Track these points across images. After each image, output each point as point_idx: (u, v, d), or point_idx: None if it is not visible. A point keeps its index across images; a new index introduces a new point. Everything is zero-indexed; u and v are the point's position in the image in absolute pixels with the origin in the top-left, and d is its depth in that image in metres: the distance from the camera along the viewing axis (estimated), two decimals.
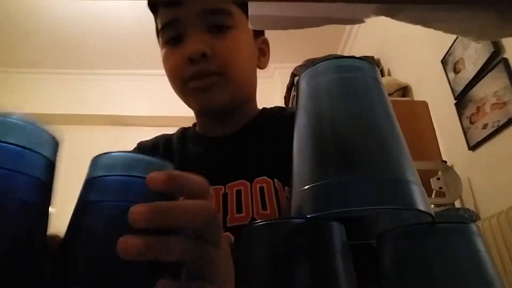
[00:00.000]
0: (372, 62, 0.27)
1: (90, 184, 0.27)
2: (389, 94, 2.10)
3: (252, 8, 0.18)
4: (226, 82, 0.59)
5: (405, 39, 2.26)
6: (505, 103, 1.48)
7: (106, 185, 0.26)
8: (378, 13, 0.17)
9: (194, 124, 0.73)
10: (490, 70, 1.56)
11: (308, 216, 0.23)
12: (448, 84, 1.85)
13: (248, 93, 0.67)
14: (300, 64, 2.40)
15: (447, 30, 0.21)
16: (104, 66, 3.51)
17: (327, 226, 0.22)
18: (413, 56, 2.20)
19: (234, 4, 0.61)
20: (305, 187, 0.25)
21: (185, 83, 0.60)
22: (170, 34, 0.60)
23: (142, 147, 0.70)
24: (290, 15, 0.19)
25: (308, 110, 0.28)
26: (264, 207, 0.55)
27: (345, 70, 0.28)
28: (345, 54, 2.66)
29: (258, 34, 0.68)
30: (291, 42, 2.93)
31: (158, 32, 0.64)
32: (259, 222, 0.22)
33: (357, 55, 1.90)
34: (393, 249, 0.25)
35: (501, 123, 1.49)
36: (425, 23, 0.19)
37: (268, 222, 0.23)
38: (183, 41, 0.59)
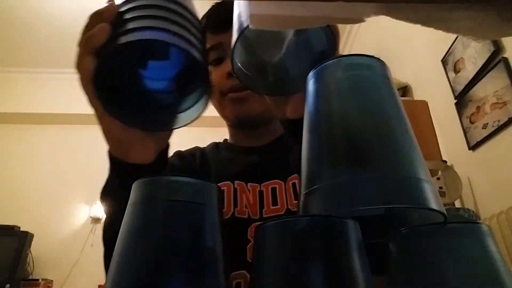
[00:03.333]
0: (381, 60, 0.27)
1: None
2: None
3: (253, 7, 0.18)
4: (260, 96, 0.61)
5: (405, 39, 2.25)
6: (505, 103, 1.48)
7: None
8: (378, 12, 0.17)
9: (225, 140, 0.79)
10: (490, 70, 1.56)
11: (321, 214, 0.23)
12: (448, 83, 1.85)
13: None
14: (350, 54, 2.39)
15: (447, 29, 0.21)
16: None
17: (343, 224, 0.22)
18: (413, 55, 2.20)
19: None
20: (315, 186, 0.24)
21: (223, 95, 0.67)
22: (215, 56, 0.67)
23: (181, 156, 0.74)
24: (290, 14, 0.18)
25: (317, 109, 0.27)
26: (297, 199, 0.57)
27: (354, 68, 0.27)
28: (345, 53, 2.65)
29: None
30: None
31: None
32: (271, 221, 0.22)
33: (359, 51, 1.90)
34: (405, 248, 0.24)
35: (501, 123, 1.49)
36: (425, 22, 0.18)
37: (279, 220, 0.22)
38: (224, 61, 0.66)
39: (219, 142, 0.79)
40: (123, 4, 0.38)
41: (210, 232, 0.27)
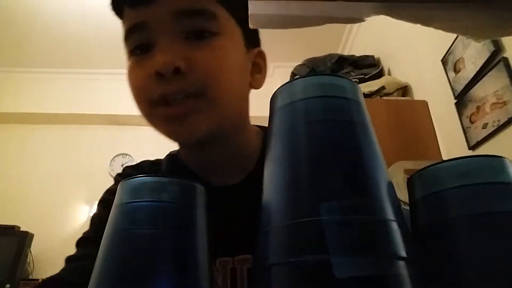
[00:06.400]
0: (353, 81, 0.27)
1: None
2: (389, 94, 2.10)
3: (252, 6, 0.18)
4: (208, 107, 0.45)
5: (405, 39, 2.25)
6: (505, 103, 1.48)
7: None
8: (378, 12, 0.17)
9: (177, 155, 0.58)
10: (490, 70, 1.56)
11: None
12: (448, 83, 1.85)
13: (238, 118, 0.53)
14: (300, 63, 2.40)
15: (446, 29, 0.21)
16: (102, 65, 3.50)
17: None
18: (413, 55, 2.20)
19: (220, 5, 0.47)
20: (274, 227, 0.22)
21: (153, 106, 0.46)
22: (136, 42, 0.47)
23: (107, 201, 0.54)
24: (290, 13, 0.18)
25: (282, 132, 0.26)
26: None
27: (325, 89, 0.26)
28: (346, 54, 2.66)
29: (252, 44, 0.54)
30: (291, 41, 2.93)
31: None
32: None
33: (357, 54, 1.90)
34: None
35: (501, 123, 1.49)
36: (425, 22, 0.18)
37: None
38: (152, 51, 0.46)
39: (176, 158, 0.58)
40: None
41: (195, 232, 0.27)
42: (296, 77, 0.26)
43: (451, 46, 1.83)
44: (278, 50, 2.94)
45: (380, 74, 2.33)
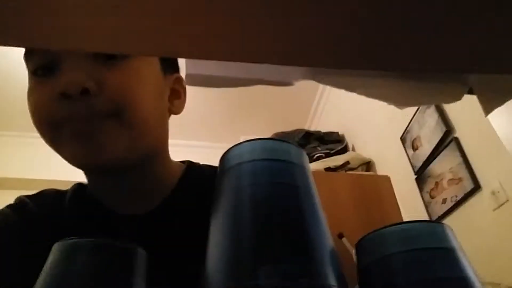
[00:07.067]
0: (298, 147, 0.28)
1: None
2: (354, 169, 2.17)
3: (189, 66, 0.19)
4: (121, 128, 0.41)
5: (368, 116, 2.41)
6: (460, 179, 1.56)
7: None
8: (306, 76, 0.19)
9: (79, 186, 0.53)
10: (444, 148, 1.67)
11: None
12: (408, 160, 1.95)
13: (155, 144, 0.48)
14: (268, 137, 2.47)
15: (369, 95, 0.22)
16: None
17: None
18: (374, 132, 2.34)
19: None
20: None
21: (56, 127, 0.41)
22: (38, 61, 0.42)
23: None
24: (224, 75, 0.20)
25: (228, 192, 0.27)
26: None
27: (270, 153, 0.27)
28: (312, 129, 2.80)
29: (169, 70, 0.52)
30: (259, 115, 3.06)
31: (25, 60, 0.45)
32: None
33: (323, 130, 1.99)
34: None
35: (458, 198, 1.55)
36: (348, 88, 0.20)
37: None
38: (57, 71, 0.41)
39: (85, 188, 0.51)
40: None
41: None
42: (243, 140, 0.27)
43: (408, 125, 1.96)
44: (248, 123, 3.05)
45: (344, 150, 2.43)
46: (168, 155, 0.54)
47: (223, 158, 0.29)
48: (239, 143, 0.28)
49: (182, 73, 0.57)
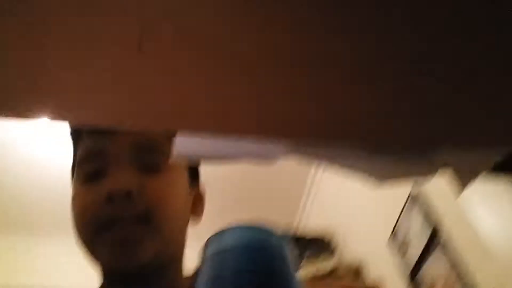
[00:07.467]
0: (280, 236, 0.30)
1: None
2: (342, 276, 2.07)
3: (178, 143, 0.20)
4: (153, 232, 0.45)
5: (356, 216, 2.39)
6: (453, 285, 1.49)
7: None
8: (288, 152, 0.20)
9: None
10: (431, 253, 1.63)
11: None
12: (398, 265, 1.88)
13: (175, 253, 0.52)
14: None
15: (344, 173, 0.22)
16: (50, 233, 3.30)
17: None
18: (362, 236, 2.29)
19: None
20: None
21: (98, 231, 0.44)
22: (90, 169, 0.47)
23: None
24: (211, 153, 0.20)
25: (210, 280, 0.28)
26: None
27: (252, 241, 0.29)
28: (301, 226, 2.73)
29: (195, 183, 0.57)
30: (250, 210, 3.00)
31: (74, 167, 0.50)
32: None
33: (309, 230, 1.94)
34: None
35: None
36: (327, 165, 0.20)
37: None
38: (103, 179, 0.45)
39: None
40: None
41: None
42: (226, 228, 0.29)
43: (394, 227, 1.94)
44: (237, 215, 2.96)
45: (332, 255, 2.36)
46: (183, 263, 0.56)
47: (206, 245, 0.30)
48: (222, 231, 0.29)
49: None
